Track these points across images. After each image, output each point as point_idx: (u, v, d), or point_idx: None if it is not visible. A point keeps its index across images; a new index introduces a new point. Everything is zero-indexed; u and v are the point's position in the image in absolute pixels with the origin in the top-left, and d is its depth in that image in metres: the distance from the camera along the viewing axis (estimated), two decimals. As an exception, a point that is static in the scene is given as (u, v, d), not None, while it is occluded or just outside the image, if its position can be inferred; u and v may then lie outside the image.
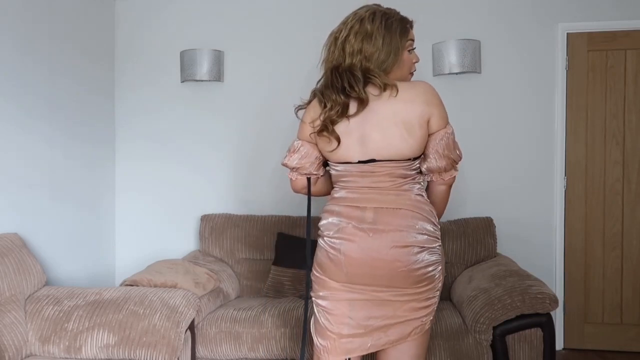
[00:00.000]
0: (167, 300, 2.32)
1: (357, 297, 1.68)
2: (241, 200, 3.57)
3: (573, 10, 3.35)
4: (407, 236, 1.63)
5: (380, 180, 1.67)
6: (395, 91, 1.62)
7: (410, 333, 1.68)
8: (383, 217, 1.65)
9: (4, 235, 2.42)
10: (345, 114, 1.65)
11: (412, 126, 1.62)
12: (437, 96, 1.67)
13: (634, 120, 3.33)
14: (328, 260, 1.70)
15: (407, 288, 1.65)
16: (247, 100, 3.56)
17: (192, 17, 3.59)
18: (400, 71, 1.71)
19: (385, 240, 1.63)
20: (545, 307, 2.41)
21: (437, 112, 1.65)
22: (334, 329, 1.71)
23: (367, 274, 1.66)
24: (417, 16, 3.42)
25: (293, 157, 1.81)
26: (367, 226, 1.65)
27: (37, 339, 2.24)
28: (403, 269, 1.63)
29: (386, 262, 1.63)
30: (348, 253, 1.66)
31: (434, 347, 2.49)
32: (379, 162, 1.66)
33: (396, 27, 1.68)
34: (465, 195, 3.42)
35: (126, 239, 3.66)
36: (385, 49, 1.65)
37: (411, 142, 1.63)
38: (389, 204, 1.66)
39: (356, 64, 1.64)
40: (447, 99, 3.42)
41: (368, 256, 1.64)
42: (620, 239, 3.34)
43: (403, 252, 1.63)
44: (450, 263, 3.14)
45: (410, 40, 1.74)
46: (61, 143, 3.05)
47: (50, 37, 2.95)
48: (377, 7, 1.72)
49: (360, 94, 1.62)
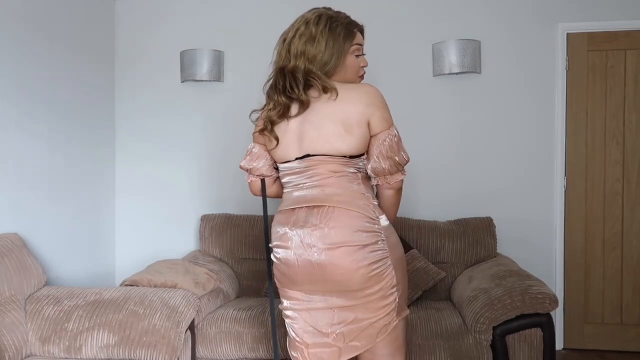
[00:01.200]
0: (167, 300, 2.32)
1: (316, 305, 1.67)
2: (241, 200, 3.56)
3: (573, 10, 3.35)
4: (340, 235, 1.59)
5: (315, 174, 1.66)
6: (335, 94, 1.62)
7: (378, 334, 1.64)
8: (313, 217, 1.62)
9: (4, 235, 2.42)
10: (287, 115, 1.67)
11: (350, 124, 1.61)
12: (380, 98, 1.65)
13: (634, 120, 3.33)
14: (277, 271, 1.72)
15: (356, 291, 1.61)
16: (247, 100, 3.54)
17: (192, 17, 3.59)
18: (344, 74, 1.70)
19: (317, 242, 1.60)
20: (545, 307, 2.41)
21: (378, 114, 1.63)
22: (299, 339, 1.71)
23: (310, 280, 1.64)
24: (417, 16, 3.47)
25: (247, 159, 1.85)
26: (299, 230, 1.63)
27: (37, 339, 2.24)
28: (342, 272, 1.59)
29: (321, 266, 1.60)
30: (286, 261, 1.66)
31: (434, 347, 2.50)
32: (313, 156, 1.65)
33: (340, 31, 1.67)
34: (465, 195, 3.42)
35: (126, 239, 3.66)
36: (328, 51, 1.65)
37: (349, 140, 1.62)
38: (321, 201, 1.63)
39: (299, 65, 1.65)
40: (447, 99, 3.46)
41: (304, 261, 1.62)
42: (620, 239, 3.34)
43: (338, 254, 1.59)
44: (450, 263, 3.14)
45: (357, 45, 1.72)
46: (61, 143, 3.05)
47: (50, 38, 2.95)
48: (326, 10, 1.72)
49: (300, 96, 1.64)
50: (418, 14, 3.47)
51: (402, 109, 3.46)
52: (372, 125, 1.63)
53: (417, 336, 2.52)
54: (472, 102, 3.43)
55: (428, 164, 3.44)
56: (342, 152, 1.64)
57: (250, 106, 3.66)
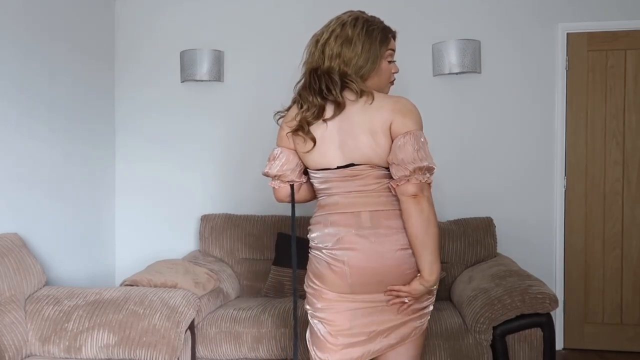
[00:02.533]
0: (167, 300, 2.32)
1: (359, 305, 1.66)
2: (241, 200, 3.57)
3: (573, 10, 3.35)
4: (405, 238, 1.61)
5: (365, 183, 1.65)
6: (371, 99, 1.61)
7: (410, 334, 1.67)
8: (380, 220, 1.62)
9: (4, 235, 2.42)
10: (322, 116, 1.64)
11: (376, 133, 1.60)
12: (407, 107, 1.61)
13: (634, 120, 3.33)
14: (330, 272, 1.65)
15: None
16: (247, 100, 3.56)
17: (192, 17, 3.59)
18: (378, 79, 1.69)
19: (389, 244, 1.61)
20: (545, 307, 2.41)
21: (398, 119, 1.58)
22: (335, 341, 1.67)
23: (373, 281, 1.63)
24: (417, 16, 3.47)
25: (274, 165, 1.77)
26: (367, 231, 1.61)
27: (37, 339, 2.24)
28: (409, 272, 1.62)
29: (393, 266, 1.61)
30: (353, 263, 1.62)
31: (434, 347, 2.50)
32: (358, 165, 1.63)
33: (377, 35, 1.66)
34: (465, 195, 3.42)
35: (126, 239, 3.66)
36: (364, 55, 1.63)
37: (378, 151, 1.61)
38: (381, 206, 1.63)
39: (334, 67, 1.63)
40: (447, 99, 3.46)
41: (375, 262, 1.61)
42: (620, 239, 3.34)
43: (406, 255, 1.61)
44: (450, 263, 3.14)
45: (391, 50, 1.71)
46: (61, 143, 3.05)
47: (50, 37, 2.95)
48: (361, 13, 1.71)
49: (337, 97, 1.61)
50: (418, 14, 3.47)
51: (402, 109, 3.48)
52: (392, 131, 1.60)
53: (417, 336, 2.52)
54: (472, 102, 3.43)
55: (428, 164, 3.44)
56: (375, 163, 1.63)
57: (251, 106, 3.68)
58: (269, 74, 3.53)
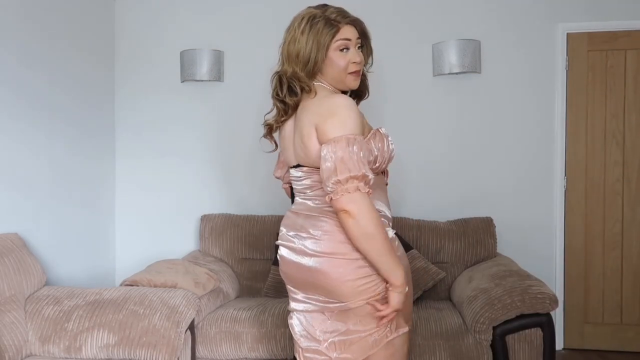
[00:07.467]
0: (167, 300, 2.32)
1: (310, 309, 1.66)
2: (241, 200, 3.57)
3: (573, 10, 3.35)
4: (330, 246, 1.58)
5: (304, 184, 1.69)
6: (314, 93, 1.63)
7: (371, 347, 1.59)
8: (307, 223, 1.64)
9: (4, 235, 2.42)
10: (281, 119, 1.71)
11: (303, 136, 1.61)
12: (334, 111, 1.54)
13: (634, 120, 3.33)
14: (280, 269, 1.75)
15: (347, 302, 1.58)
16: (247, 100, 3.56)
17: (192, 17, 3.59)
18: (332, 70, 1.64)
19: (309, 248, 1.61)
20: (545, 307, 2.41)
21: (321, 126, 1.54)
22: (296, 342, 1.72)
23: (304, 284, 1.65)
24: (417, 16, 3.47)
25: (276, 168, 1.96)
26: (295, 232, 1.66)
27: (37, 339, 2.24)
28: (329, 281, 1.58)
29: (311, 271, 1.60)
30: (284, 260, 1.70)
31: (433, 347, 2.50)
32: (302, 167, 1.67)
33: (320, 26, 1.62)
34: (465, 195, 3.42)
35: (126, 239, 3.66)
36: (308, 47, 1.62)
37: (309, 155, 1.61)
38: (311, 210, 1.65)
39: (287, 69, 1.66)
40: (447, 99, 3.45)
41: (296, 264, 1.65)
42: (620, 239, 3.34)
43: (326, 263, 1.58)
44: (450, 263, 3.14)
45: (343, 40, 1.63)
46: (61, 143, 3.04)
47: (50, 37, 2.95)
48: (311, 9, 1.68)
49: (284, 98, 1.67)
50: (418, 14, 3.47)
51: (402, 109, 3.48)
52: (318, 138, 1.56)
53: (417, 336, 2.51)
54: (472, 102, 3.43)
55: (428, 163, 3.44)
56: (311, 165, 1.64)
57: (251, 106, 3.68)
58: (269, 74, 3.50)
